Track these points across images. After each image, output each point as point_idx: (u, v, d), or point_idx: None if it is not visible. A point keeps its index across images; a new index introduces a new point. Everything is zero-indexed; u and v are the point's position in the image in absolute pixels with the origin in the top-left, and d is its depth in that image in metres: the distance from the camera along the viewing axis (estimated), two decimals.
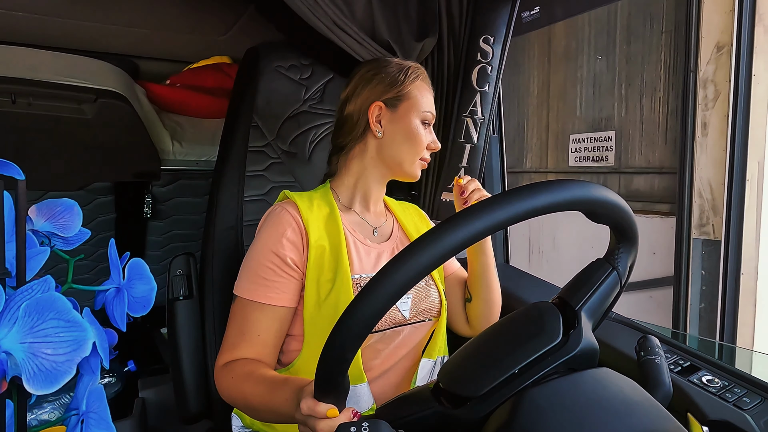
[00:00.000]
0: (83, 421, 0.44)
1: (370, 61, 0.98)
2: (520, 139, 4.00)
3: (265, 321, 0.80)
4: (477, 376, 0.54)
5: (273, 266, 0.81)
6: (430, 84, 0.96)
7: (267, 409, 0.70)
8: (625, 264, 0.62)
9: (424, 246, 0.45)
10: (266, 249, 0.82)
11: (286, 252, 0.81)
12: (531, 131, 3.90)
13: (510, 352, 0.55)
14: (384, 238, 0.95)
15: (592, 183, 0.52)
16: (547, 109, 3.67)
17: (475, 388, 0.53)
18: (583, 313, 0.59)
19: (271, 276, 0.81)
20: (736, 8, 2.18)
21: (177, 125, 1.88)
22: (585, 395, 0.50)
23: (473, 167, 1.25)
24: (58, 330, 0.38)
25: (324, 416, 0.52)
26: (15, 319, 0.38)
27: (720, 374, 0.75)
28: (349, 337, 0.46)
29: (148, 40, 1.81)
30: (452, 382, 0.56)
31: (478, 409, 0.52)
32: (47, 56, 1.49)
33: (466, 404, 0.53)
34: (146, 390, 1.47)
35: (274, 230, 0.83)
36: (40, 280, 0.42)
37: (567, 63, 3.33)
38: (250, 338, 0.79)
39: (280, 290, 0.81)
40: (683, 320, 2.47)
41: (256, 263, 0.82)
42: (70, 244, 0.54)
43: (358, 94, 0.92)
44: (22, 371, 0.37)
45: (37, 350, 0.37)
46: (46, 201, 0.52)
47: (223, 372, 0.78)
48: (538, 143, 3.85)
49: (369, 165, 0.93)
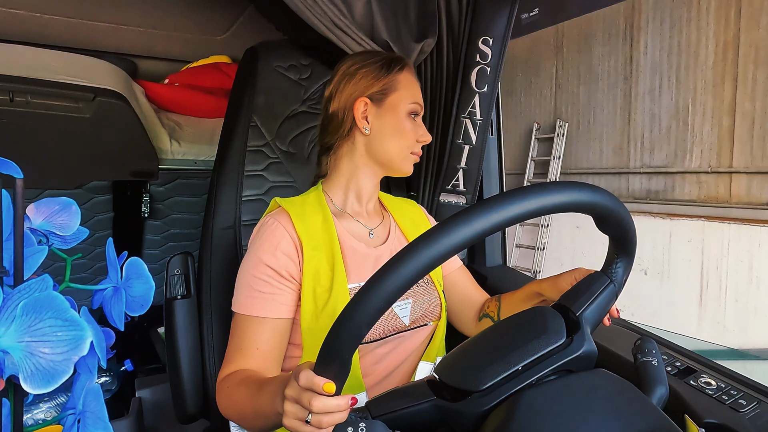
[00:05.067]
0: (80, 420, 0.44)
1: (353, 55, 0.94)
2: (680, 127, 3.26)
3: (264, 334, 0.78)
4: (480, 371, 0.54)
5: (268, 279, 0.79)
6: (415, 74, 0.93)
7: (253, 412, 0.67)
8: (620, 278, 0.63)
9: (451, 225, 0.44)
10: (260, 263, 0.80)
11: (281, 264, 0.80)
12: (701, 114, 3.10)
13: (515, 348, 0.55)
14: (380, 241, 0.92)
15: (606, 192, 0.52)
16: (734, 81, 2.80)
17: (478, 382, 0.53)
18: (582, 319, 0.60)
19: (267, 289, 0.79)
20: None
21: (175, 124, 1.88)
22: (582, 397, 0.50)
23: (471, 168, 1.25)
24: (56, 329, 0.38)
25: (320, 390, 0.49)
26: (13, 317, 0.38)
27: (717, 377, 0.75)
28: (366, 312, 0.45)
29: (147, 39, 1.81)
30: (453, 376, 0.56)
31: (478, 403, 0.52)
32: (46, 55, 1.49)
33: (466, 398, 0.53)
34: (143, 389, 1.47)
35: (267, 243, 0.81)
36: (37, 279, 0.42)
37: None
38: (248, 352, 0.77)
39: (277, 302, 0.79)
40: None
41: (251, 277, 0.80)
42: (68, 243, 0.53)
43: (342, 90, 0.88)
44: (20, 370, 0.37)
45: (34, 349, 0.37)
46: (44, 199, 0.51)
47: (220, 387, 0.76)
48: (716, 130, 3.03)
49: (359, 163, 0.91)
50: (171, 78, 1.96)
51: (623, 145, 3.75)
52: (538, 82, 4.45)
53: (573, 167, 4.19)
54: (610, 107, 3.83)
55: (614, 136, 3.81)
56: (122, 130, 1.60)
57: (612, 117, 3.81)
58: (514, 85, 4.69)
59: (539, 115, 4.48)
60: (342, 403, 0.51)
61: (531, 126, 4.54)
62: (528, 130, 4.58)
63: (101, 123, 1.53)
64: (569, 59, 4.09)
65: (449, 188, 1.26)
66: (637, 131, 3.64)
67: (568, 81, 4.14)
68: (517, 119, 4.71)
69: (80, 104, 1.48)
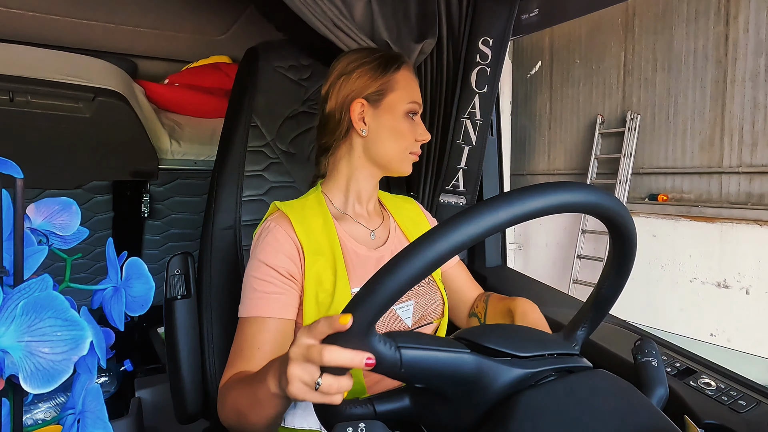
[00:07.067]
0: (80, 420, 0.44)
1: (349, 52, 0.92)
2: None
3: (266, 333, 0.76)
4: (519, 341, 0.55)
5: (270, 279, 0.78)
6: (413, 72, 0.91)
7: (250, 403, 0.62)
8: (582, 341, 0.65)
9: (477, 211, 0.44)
10: (262, 265, 0.79)
11: (283, 265, 0.79)
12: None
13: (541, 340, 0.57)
14: (381, 242, 0.91)
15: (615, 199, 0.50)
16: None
17: (518, 348, 0.54)
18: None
19: (269, 288, 0.78)
20: None
21: (175, 124, 1.88)
22: (581, 397, 0.50)
23: (471, 169, 1.25)
24: (56, 329, 0.38)
25: (337, 324, 0.44)
26: (13, 317, 0.38)
27: (716, 377, 0.75)
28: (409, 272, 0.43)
29: (147, 39, 1.82)
30: (490, 339, 0.54)
31: (521, 364, 0.52)
32: (46, 55, 1.49)
33: (506, 358, 0.53)
34: (143, 389, 1.47)
35: (269, 247, 0.80)
36: (37, 279, 0.42)
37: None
38: (249, 353, 0.75)
39: (279, 302, 0.78)
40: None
41: (253, 280, 0.79)
42: (68, 243, 0.53)
43: (338, 90, 0.87)
44: (20, 370, 0.37)
45: (34, 349, 0.37)
46: (44, 199, 0.51)
47: (220, 392, 0.73)
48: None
49: (358, 165, 0.90)
50: (171, 78, 1.96)
51: (715, 141, 3.12)
52: (601, 70, 3.79)
53: (647, 166, 3.51)
54: (697, 96, 3.20)
55: (702, 129, 3.17)
56: (122, 130, 1.60)
57: (700, 107, 3.19)
58: (571, 73, 4.02)
59: (603, 106, 3.81)
60: (357, 357, 0.44)
61: (593, 120, 3.85)
62: (589, 125, 3.90)
63: (101, 123, 1.53)
64: (642, 42, 3.49)
65: (449, 189, 1.26)
66: (734, 123, 3.03)
67: (641, 67, 3.51)
68: (574, 112, 4.02)
69: (80, 104, 1.48)
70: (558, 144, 4.16)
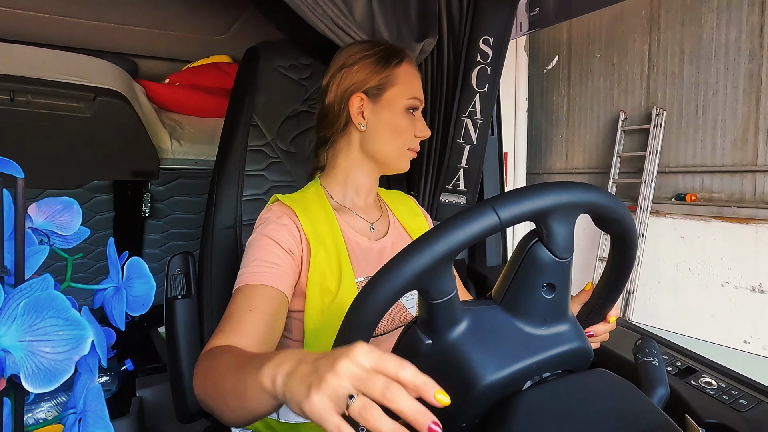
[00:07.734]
0: (81, 419, 0.44)
1: (351, 44, 0.91)
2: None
3: (259, 298, 0.71)
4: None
5: (271, 249, 0.76)
6: (415, 67, 0.90)
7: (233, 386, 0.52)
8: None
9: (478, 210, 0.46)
10: (264, 237, 0.77)
11: (285, 240, 0.77)
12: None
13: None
14: (381, 234, 0.91)
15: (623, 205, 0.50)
16: None
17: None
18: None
19: (269, 257, 0.75)
20: None
21: (176, 124, 1.88)
22: (581, 397, 0.50)
23: (472, 168, 1.25)
24: (57, 328, 0.38)
25: (427, 393, 0.38)
26: (14, 317, 0.38)
27: (717, 376, 0.75)
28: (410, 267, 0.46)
29: (147, 39, 1.82)
30: None
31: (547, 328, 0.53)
32: (47, 54, 1.49)
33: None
34: (144, 389, 1.47)
35: (274, 224, 0.79)
36: (39, 279, 0.42)
37: None
38: (239, 316, 0.69)
39: (276, 272, 0.75)
40: None
41: (253, 250, 0.77)
42: (70, 243, 0.53)
43: (339, 82, 0.86)
44: (21, 369, 0.37)
45: (35, 348, 0.37)
46: (45, 199, 0.51)
47: (202, 358, 0.64)
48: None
49: (356, 160, 0.89)
50: (172, 78, 1.96)
51: (748, 137, 2.96)
52: (623, 64, 3.61)
53: (674, 164, 3.33)
54: (729, 90, 3.05)
55: (735, 126, 3.02)
56: (123, 130, 1.60)
57: (732, 102, 3.03)
58: (590, 68, 3.83)
59: (626, 102, 3.62)
60: (422, 418, 0.36)
61: (615, 116, 3.67)
62: (611, 121, 3.72)
63: (102, 123, 1.53)
64: (668, 34, 3.32)
65: (450, 188, 1.26)
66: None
67: (667, 60, 3.34)
68: (595, 108, 3.85)
69: (81, 104, 1.48)
70: (576, 142, 3.98)
